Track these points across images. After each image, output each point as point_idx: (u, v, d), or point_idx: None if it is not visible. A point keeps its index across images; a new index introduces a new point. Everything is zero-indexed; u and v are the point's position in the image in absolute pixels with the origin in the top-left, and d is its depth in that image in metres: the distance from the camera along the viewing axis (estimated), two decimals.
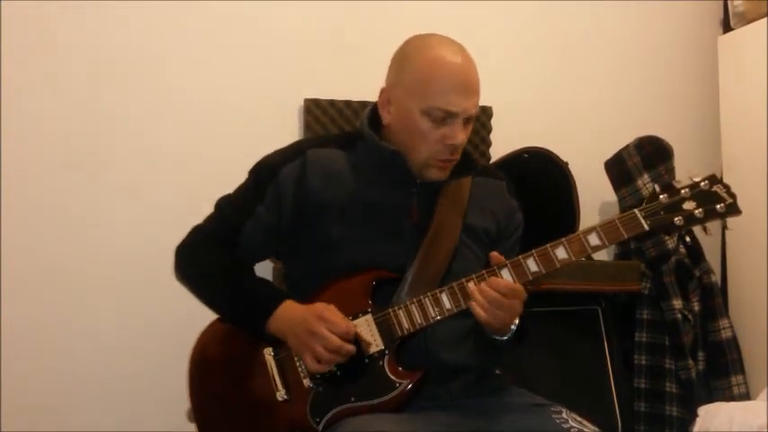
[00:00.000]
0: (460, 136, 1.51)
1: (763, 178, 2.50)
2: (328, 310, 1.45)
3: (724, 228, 1.47)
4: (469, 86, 1.52)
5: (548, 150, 2.62)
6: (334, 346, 1.41)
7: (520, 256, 1.46)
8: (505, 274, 1.44)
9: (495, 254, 1.48)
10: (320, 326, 1.42)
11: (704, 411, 2.25)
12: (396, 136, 1.58)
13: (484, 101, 2.58)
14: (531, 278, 1.44)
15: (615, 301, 2.58)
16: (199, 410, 1.57)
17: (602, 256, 2.78)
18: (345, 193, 1.56)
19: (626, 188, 2.61)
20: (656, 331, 2.54)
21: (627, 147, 2.63)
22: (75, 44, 2.37)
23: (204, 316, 1.58)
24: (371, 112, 1.64)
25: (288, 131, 2.52)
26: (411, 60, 1.55)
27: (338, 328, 1.42)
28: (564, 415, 1.46)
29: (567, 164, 2.62)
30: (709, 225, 1.46)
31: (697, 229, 1.49)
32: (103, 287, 2.36)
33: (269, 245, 1.64)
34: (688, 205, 1.43)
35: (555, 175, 2.62)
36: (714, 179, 1.45)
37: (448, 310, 1.46)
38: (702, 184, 1.44)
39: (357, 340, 1.45)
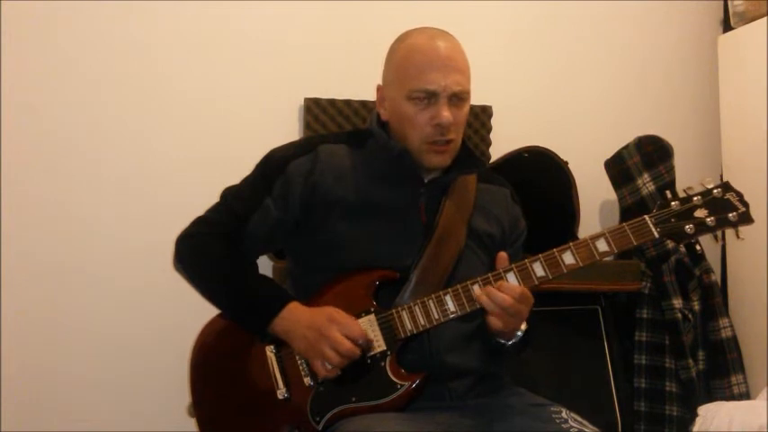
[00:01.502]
0: (445, 114, 1.50)
1: (763, 178, 2.50)
2: (338, 313, 1.45)
3: (737, 237, 1.44)
4: (446, 64, 1.52)
5: (548, 150, 2.62)
6: (343, 350, 1.40)
7: (526, 260, 1.45)
8: (511, 278, 1.44)
9: (501, 254, 1.47)
10: (332, 328, 1.41)
11: (704, 411, 2.24)
12: (394, 131, 1.59)
13: (484, 101, 2.65)
14: (537, 282, 1.44)
15: (615, 301, 2.58)
16: (199, 406, 1.57)
17: None
18: (354, 191, 1.55)
19: (626, 187, 2.61)
20: (656, 331, 2.54)
21: (627, 146, 2.63)
22: (75, 44, 2.36)
23: (205, 313, 1.58)
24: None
25: (288, 131, 2.52)
26: (393, 54, 1.59)
27: (352, 332, 1.42)
28: (563, 415, 1.46)
29: (566, 163, 2.62)
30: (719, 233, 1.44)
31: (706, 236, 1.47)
32: (103, 285, 2.36)
33: (274, 238, 1.62)
34: (700, 213, 1.41)
35: (555, 175, 2.62)
36: (727, 187, 1.43)
37: (452, 312, 1.45)
38: (715, 191, 1.42)
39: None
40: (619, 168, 2.63)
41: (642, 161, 2.58)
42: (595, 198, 2.81)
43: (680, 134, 2.77)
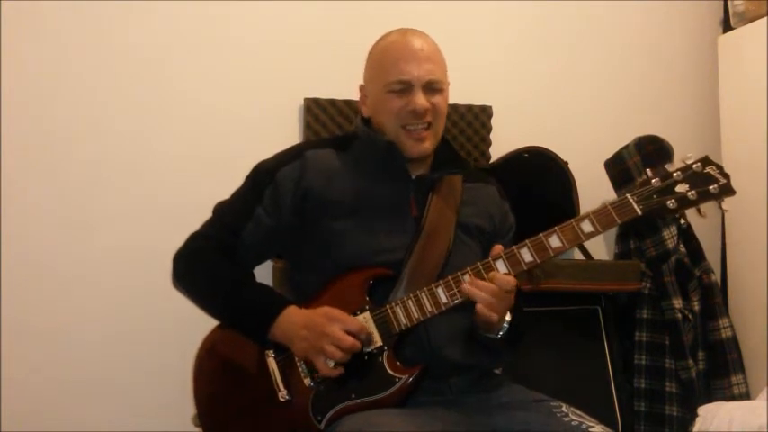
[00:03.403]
0: (419, 101, 1.57)
1: (763, 178, 2.50)
2: (335, 311, 1.47)
3: (720, 208, 1.45)
4: (419, 56, 1.59)
5: (548, 150, 2.62)
6: (345, 345, 1.42)
7: (514, 247, 1.47)
8: (500, 265, 1.46)
9: (497, 246, 1.49)
10: (331, 325, 1.43)
11: (704, 411, 2.25)
12: (376, 125, 1.64)
13: (484, 101, 2.65)
14: (525, 268, 1.46)
15: (615, 301, 2.58)
16: (204, 414, 1.58)
17: (602, 255, 2.78)
18: (344, 191, 1.59)
19: (626, 187, 2.60)
20: (656, 331, 2.54)
21: (627, 146, 2.63)
22: (74, 45, 2.36)
23: (208, 319, 1.59)
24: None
25: (288, 131, 2.53)
26: (372, 53, 1.67)
27: (352, 326, 1.44)
28: (564, 409, 1.47)
29: (567, 163, 2.62)
30: (704, 208, 1.45)
31: (698, 222, 1.47)
32: (104, 286, 2.35)
33: (269, 247, 1.66)
34: (681, 188, 1.43)
35: (555, 175, 2.62)
36: (707, 161, 1.44)
37: (444, 303, 1.47)
38: (695, 166, 1.44)
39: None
40: (619, 168, 2.63)
41: (642, 161, 2.58)
42: (595, 198, 2.78)
43: (680, 134, 2.77)
